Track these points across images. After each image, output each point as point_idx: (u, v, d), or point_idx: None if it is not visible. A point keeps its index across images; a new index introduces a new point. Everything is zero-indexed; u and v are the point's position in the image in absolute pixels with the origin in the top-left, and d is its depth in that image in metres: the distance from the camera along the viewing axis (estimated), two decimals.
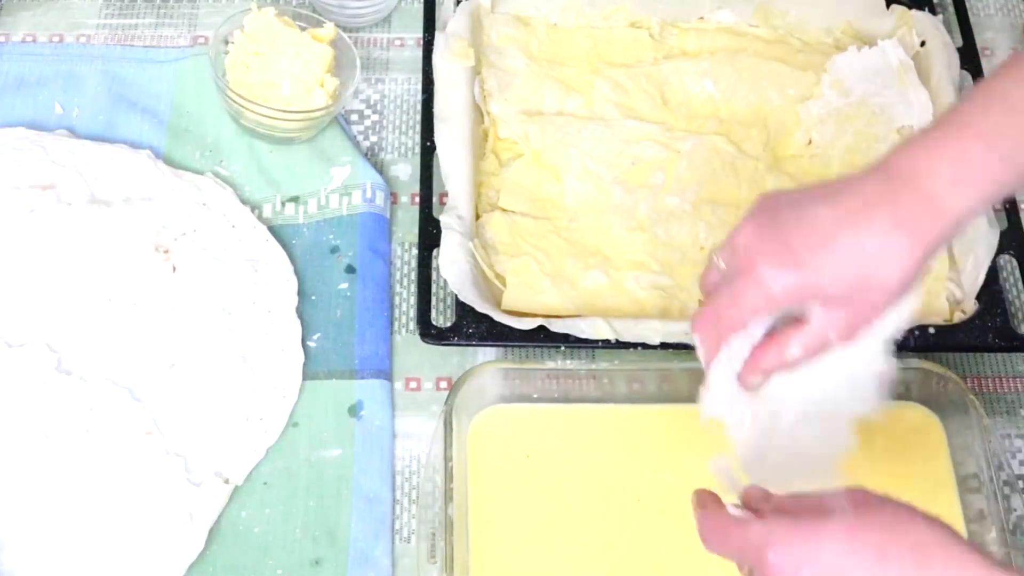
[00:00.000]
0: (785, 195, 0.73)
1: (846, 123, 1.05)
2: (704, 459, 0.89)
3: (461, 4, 1.09)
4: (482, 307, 0.92)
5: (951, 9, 1.15)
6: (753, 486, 0.69)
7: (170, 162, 1.02)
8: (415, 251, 0.98)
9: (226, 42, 1.03)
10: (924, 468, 0.90)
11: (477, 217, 0.99)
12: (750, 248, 0.71)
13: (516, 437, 0.90)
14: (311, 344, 0.94)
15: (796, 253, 0.69)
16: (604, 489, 0.88)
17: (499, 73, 1.08)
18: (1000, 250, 0.99)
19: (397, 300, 0.99)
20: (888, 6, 1.14)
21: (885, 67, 1.08)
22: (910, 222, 0.69)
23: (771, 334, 0.74)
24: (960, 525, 0.88)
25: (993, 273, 0.98)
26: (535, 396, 0.91)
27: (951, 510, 0.88)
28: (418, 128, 1.06)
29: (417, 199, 1.00)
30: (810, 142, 1.05)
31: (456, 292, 0.93)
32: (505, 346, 0.94)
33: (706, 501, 0.68)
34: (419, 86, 1.07)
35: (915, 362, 0.91)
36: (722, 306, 0.72)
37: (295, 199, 1.02)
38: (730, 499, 0.68)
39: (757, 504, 0.67)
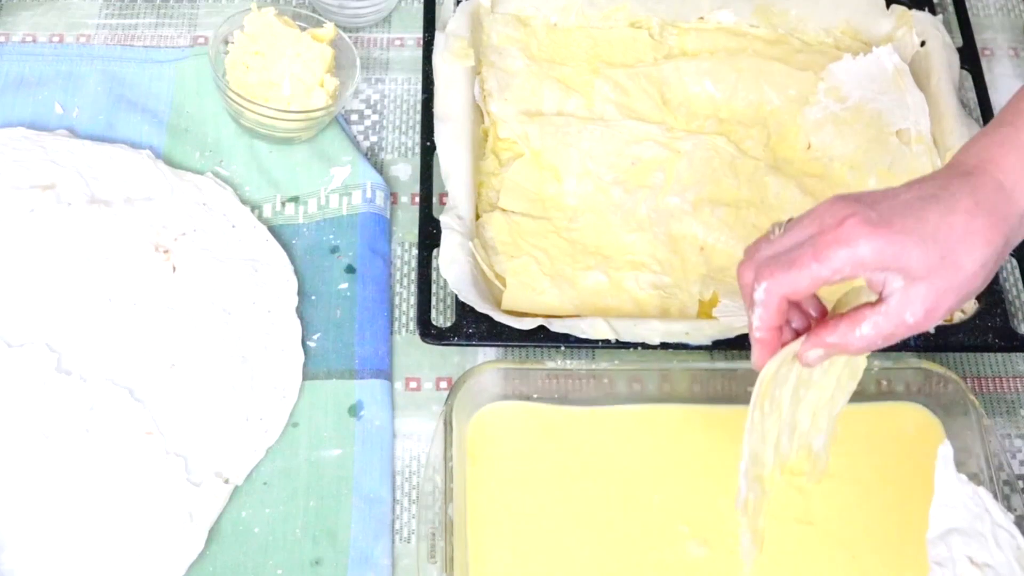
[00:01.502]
0: (861, 192, 0.71)
1: (844, 127, 1.05)
2: (704, 460, 0.90)
3: (461, 4, 1.09)
4: (482, 307, 0.92)
5: (951, 9, 1.15)
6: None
7: (170, 162, 1.02)
8: (415, 251, 0.98)
9: (226, 42, 1.03)
10: (924, 468, 0.90)
11: (477, 217, 0.99)
12: (837, 211, 0.67)
13: (516, 437, 0.90)
14: (311, 344, 0.94)
15: (886, 217, 0.67)
16: (604, 489, 0.88)
17: (499, 73, 1.08)
18: None
19: (397, 300, 0.99)
20: (888, 6, 1.14)
21: (880, 73, 1.08)
22: (990, 207, 0.68)
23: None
24: None
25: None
26: (535, 396, 0.91)
27: None
28: (418, 128, 1.06)
29: (417, 199, 1.00)
30: (809, 146, 1.06)
31: (456, 292, 0.93)
32: (505, 346, 0.94)
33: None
34: (419, 86, 1.07)
35: (915, 362, 0.92)
36: (802, 259, 0.67)
37: (295, 199, 1.02)
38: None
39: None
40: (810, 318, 0.75)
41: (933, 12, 1.14)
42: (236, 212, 0.99)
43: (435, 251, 0.96)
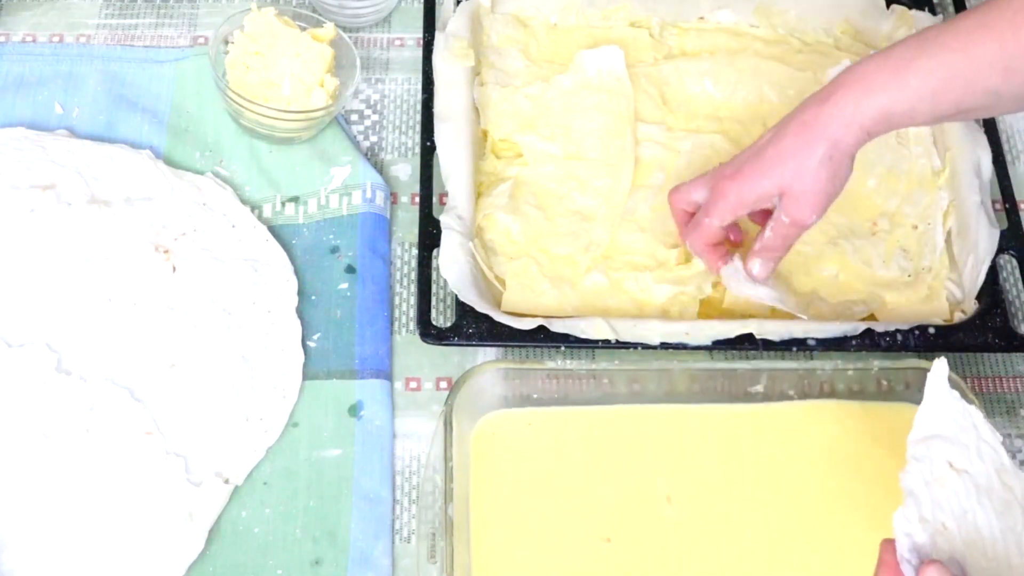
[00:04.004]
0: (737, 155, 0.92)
1: None
2: (704, 460, 0.90)
3: (461, 4, 1.09)
4: (482, 307, 0.92)
5: (951, 9, 1.16)
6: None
7: (170, 162, 1.02)
8: (415, 251, 0.98)
9: (226, 42, 1.03)
10: None
11: (477, 217, 0.99)
12: (715, 175, 0.91)
13: (516, 437, 0.90)
14: (311, 344, 0.94)
15: (738, 167, 0.88)
16: (603, 489, 0.88)
17: (499, 73, 1.08)
18: (1000, 250, 0.99)
19: (397, 300, 0.99)
20: (888, 6, 1.14)
21: None
22: (812, 121, 0.85)
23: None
24: None
25: (993, 273, 0.98)
26: (535, 396, 0.91)
27: None
28: (418, 128, 1.06)
29: (417, 199, 1.00)
30: None
31: (456, 292, 0.93)
32: (505, 346, 0.94)
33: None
34: (419, 86, 1.07)
35: (915, 362, 0.92)
36: (702, 219, 0.90)
37: (295, 199, 1.02)
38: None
39: None
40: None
41: (933, 12, 1.14)
42: (236, 212, 0.99)
43: (435, 251, 0.96)
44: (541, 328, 0.92)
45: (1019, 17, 0.80)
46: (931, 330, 0.94)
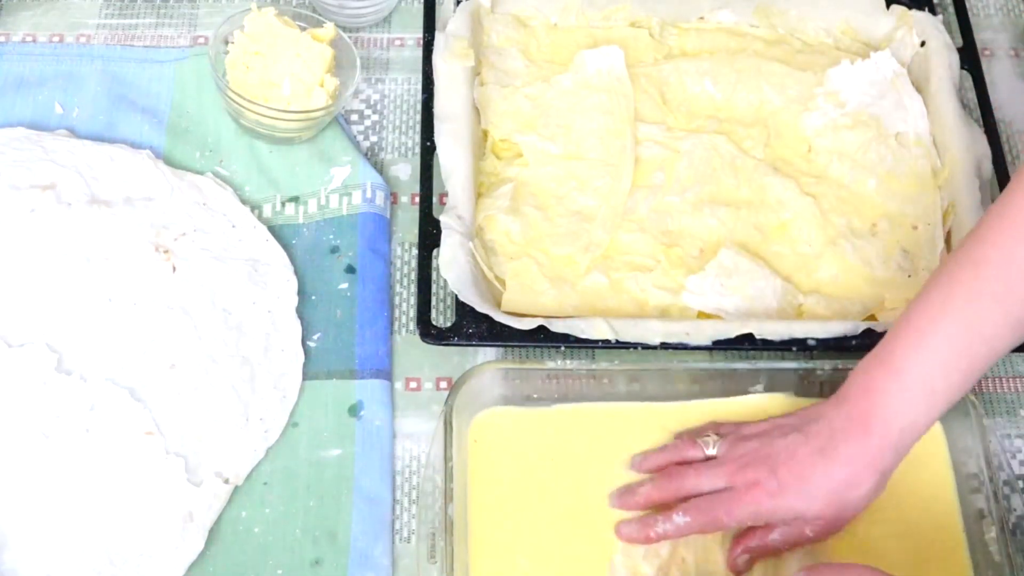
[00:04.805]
0: (767, 446, 0.83)
1: (844, 131, 1.05)
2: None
3: (461, 4, 1.09)
4: (482, 307, 0.92)
5: (951, 9, 1.15)
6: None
7: (170, 162, 1.02)
8: (415, 251, 0.98)
9: (226, 42, 1.03)
10: (924, 468, 0.90)
11: (477, 217, 0.99)
12: (748, 476, 0.82)
13: (516, 437, 0.90)
14: (311, 344, 0.94)
15: (784, 484, 0.81)
16: (604, 489, 0.88)
17: (499, 73, 1.08)
18: None
19: (397, 300, 0.99)
20: (888, 6, 1.14)
21: (879, 78, 1.08)
22: (869, 451, 0.80)
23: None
24: (960, 525, 0.88)
25: None
26: (535, 396, 0.91)
27: (951, 510, 0.88)
28: (418, 128, 1.06)
29: (417, 199, 1.00)
30: (810, 149, 1.06)
31: (456, 292, 0.93)
32: (505, 346, 0.94)
33: None
34: (419, 86, 1.07)
35: None
36: (715, 512, 0.82)
37: (295, 199, 1.02)
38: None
39: None
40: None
41: (933, 12, 1.14)
42: (236, 212, 0.99)
43: (435, 251, 0.96)
44: (541, 328, 0.92)
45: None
46: None
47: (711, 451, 0.85)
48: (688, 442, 0.87)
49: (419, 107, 1.06)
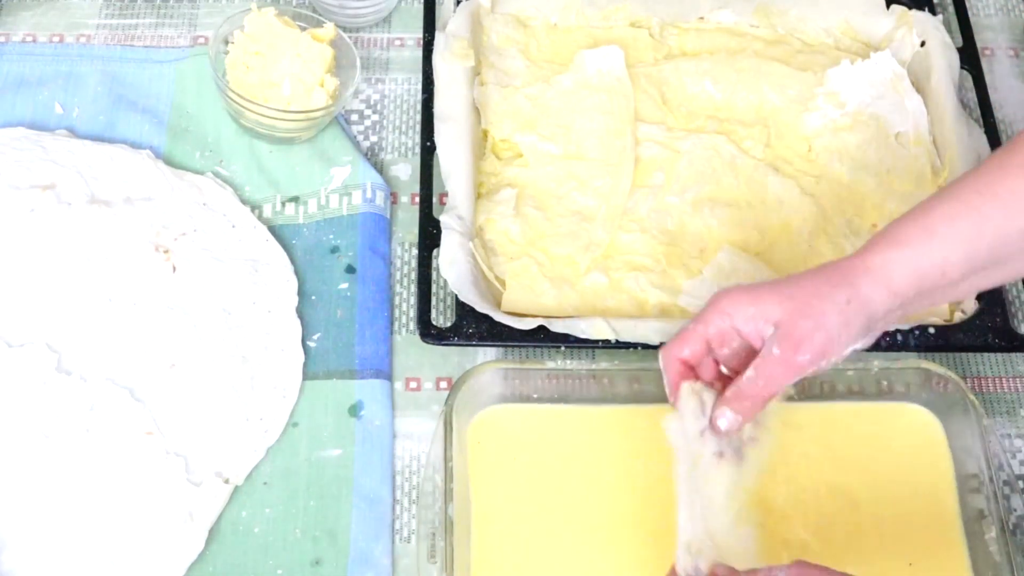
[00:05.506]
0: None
1: (844, 131, 1.05)
2: None
3: (461, 4, 1.09)
4: (482, 307, 0.92)
5: (951, 9, 1.15)
6: (720, 564, 0.75)
7: (170, 162, 1.02)
8: (415, 251, 0.98)
9: (226, 42, 1.03)
10: (924, 468, 0.90)
11: (477, 218, 0.99)
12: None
13: (516, 437, 0.90)
14: (311, 344, 0.94)
15: (751, 289, 0.77)
16: (604, 489, 0.88)
17: (499, 73, 1.08)
18: None
19: (397, 300, 0.99)
20: (888, 6, 1.14)
21: (879, 78, 1.08)
22: (840, 268, 0.78)
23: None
24: (960, 525, 0.88)
25: None
26: (535, 396, 0.91)
27: (951, 510, 0.88)
28: (418, 128, 1.06)
29: (417, 199, 1.00)
30: (810, 149, 1.06)
31: (456, 292, 0.93)
32: (505, 346, 0.94)
33: None
34: (419, 86, 1.07)
35: (915, 362, 0.92)
36: (687, 327, 0.78)
37: (295, 199, 1.02)
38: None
39: None
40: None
41: (933, 12, 1.14)
42: (236, 212, 0.99)
43: (435, 251, 0.96)
44: (541, 328, 0.92)
45: None
46: (931, 330, 0.94)
47: None
48: None
49: (419, 107, 1.06)
